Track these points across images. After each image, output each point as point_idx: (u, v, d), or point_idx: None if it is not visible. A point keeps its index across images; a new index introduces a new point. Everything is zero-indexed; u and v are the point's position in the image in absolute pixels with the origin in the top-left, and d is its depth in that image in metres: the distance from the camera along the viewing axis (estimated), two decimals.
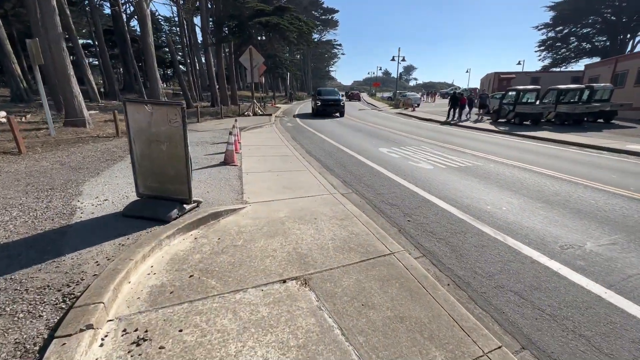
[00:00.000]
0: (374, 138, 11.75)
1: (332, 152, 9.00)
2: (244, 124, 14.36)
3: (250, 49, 19.38)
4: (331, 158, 8.31)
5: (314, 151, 9.21)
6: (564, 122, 15.75)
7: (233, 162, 7.04)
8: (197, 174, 5.97)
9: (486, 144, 10.63)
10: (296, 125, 16.14)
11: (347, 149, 9.49)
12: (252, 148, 9.17)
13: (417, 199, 5.19)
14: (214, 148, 8.73)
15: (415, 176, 6.50)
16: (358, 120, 19.03)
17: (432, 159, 8.12)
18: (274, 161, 7.56)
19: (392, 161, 7.85)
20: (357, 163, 7.75)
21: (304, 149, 9.42)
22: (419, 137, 11.92)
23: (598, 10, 37.72)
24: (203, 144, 9.31)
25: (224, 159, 7.05)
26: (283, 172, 6.60)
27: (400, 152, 9.04)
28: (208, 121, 16.06)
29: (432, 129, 14.98)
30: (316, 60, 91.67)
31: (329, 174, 6.70)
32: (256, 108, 20.56)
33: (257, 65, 19.83)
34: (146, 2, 12.93)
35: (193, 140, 9.74)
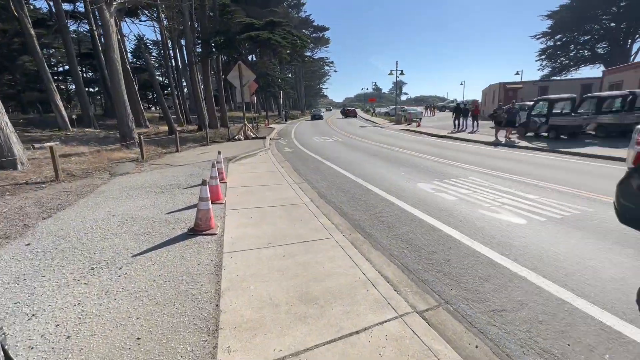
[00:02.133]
0: (399, 165, 9.21)
1: (356, 194, 6.38)
2: (233, 152, 11.79)
3: (239, 64, 17.10)
4: (359, 206, 5.68)
5: (330, 193, 6.59)
6: (609, 135, 13.50)
7: (209, 227, 4.36)
8: (137, 265, 3.30)
9: (545, 168, 8.16)
10: (296, 150, 13.60)
11: (373, 186, 6.89)
12: (241, 191, 6.53)
13: (587, 326, 2.55)
14: (186, 196, 6.06)
15: (522, 247, 3.88)
16: (365, 141, 16.61)
17: (507, 201, 5.54)
18: (276, 218, 4.90)
19: (452, 209, 5.25)
20: (402, 216, 5.12)
21: (315, 190, 6.80)
22: (453, 162, 9.42)
23: (596, 17, 36.88)
24: (172, 189, 6.64)
25: (195, 225, 4.38)
26: (292, 244, 3.94)
27: (450, 189, 6.47)
28: (191, 149, 13.46)
29: (456, 147, 12.57)
30: (308, 79, 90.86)
31: (368, 245, 4.05)
32: (248, 131, 18.09)
33: (248, 82, 17.51)
34: (109, 9, 10.56)
35: (160, 184, 7.07)
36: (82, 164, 9.29)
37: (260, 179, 7.77)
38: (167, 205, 5.47)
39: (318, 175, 8.27)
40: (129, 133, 11.70)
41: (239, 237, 4.20)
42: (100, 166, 9.18)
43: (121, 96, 11.44)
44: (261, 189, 6.74)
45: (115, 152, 11.16)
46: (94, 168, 8.95)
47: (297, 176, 8.28)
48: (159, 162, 10.09)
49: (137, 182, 7.27)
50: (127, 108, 11.70)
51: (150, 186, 6.83)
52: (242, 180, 7.65)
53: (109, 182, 7.29)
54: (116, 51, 11.18)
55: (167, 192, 6.38)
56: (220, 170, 7.40)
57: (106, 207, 5.40)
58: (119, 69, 11.33)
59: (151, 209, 5.26)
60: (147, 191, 6.41)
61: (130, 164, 9.69)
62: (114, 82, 11.33)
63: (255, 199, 6.02)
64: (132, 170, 8.73)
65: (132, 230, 4.34)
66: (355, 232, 4.47)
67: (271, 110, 58.81)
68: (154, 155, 11.41)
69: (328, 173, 8.53)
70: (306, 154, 12.27)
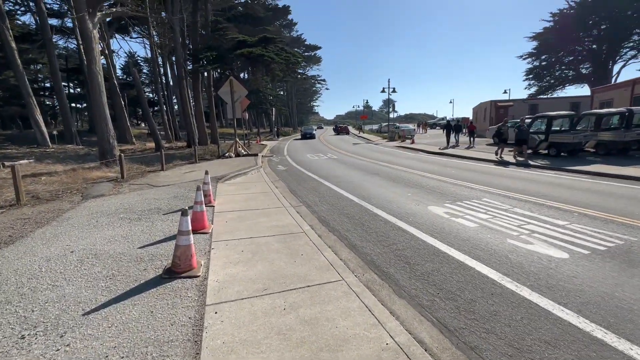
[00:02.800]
0: (403, 185, 8.55)
1: (363, 220, 5.64)
2: (223, 170, 10.98)
3: (230, 79, 16.57)
4: (368, 235, 4.92)
5: (333, 218, 5.82)
6: (609, 152, 13.26)
7: (189, 267, 3.52)
8: (87, 330, 2.44)
9: (560, 188, 7.61)
10: (290, 168, 12.87)
11: (380, 210, 6.16)
12: (231, 217, 5.71)
13: None
14: (166, 224, 5.21)
15: (579, 293, 3.16)
16: (362, 158, 16.03)
17: (536, 228, 4.87)
18: (272, 253, 4.09)
19: (477, 240, 4.54)
20: (421, 248, 4.38)
21: (315, 215, 6.03)
22: (459, 181, 8.82)
23: (579, 39, 38.27)
24: (151, 215, 5.77)
25: (172, 264, 3.53)
26: (294, 290, 3.13)
27: (466, 213, 5.79)
28: (177, 167, 12.59)
29: (458, 165, 12.06)
30: (300, 96, 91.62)
31: (389, 290, 3.27)
32: (239, 147, 17.35)
33: (239, 99, 16.95)
34: (91, 19, 9.91)
35: (137, 208, 6.19)
36: (53, 185, 8.34)
37: (252, 201, 6.97)
38: (142, 237, 4.60)
39: (316, 197, 7.51)
40: (110, 150, 10.82)
41: (227, 280, 3.37)
42: (73, 187, 8.24)
43: (102, 111, 10.63)
44: (254, 214, 5.93)
45: (93, 171, 10.22)
46: (65, 189, 8.01)
47: (294, 198, 7.50)
48: (140, 182, 9.19)
49: (111, 206, 6.38)
50: (109, 123, 10.87)
51: (126, 211, 5.95)
52: (232, 203, 6.84)
53: (78, 207, 6.37)
54: (98, 64, 10.46)
55: (145, 219, 5.51)
56: (207, 192, 6.59)
57: (66, 239, 4.50)
58: (100, 82, 10.57)
59: (122, 242, 4.38)
60: (121, 218, 5.52)
61: (108, 184, 8.77)
62: (94, 96, 10.54)
63: (247, 226, 5.21)
64: (108, 191, 7.82)
65: (92, 272, 3.47)
66: (369, 271, 3.69)
67: (263, 127, 58.46)
68: (136, 174, 10.50)
69: (327, 194, 7.78)
70: (301, 173, 11.54)
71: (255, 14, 33.38)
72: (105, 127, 10.76)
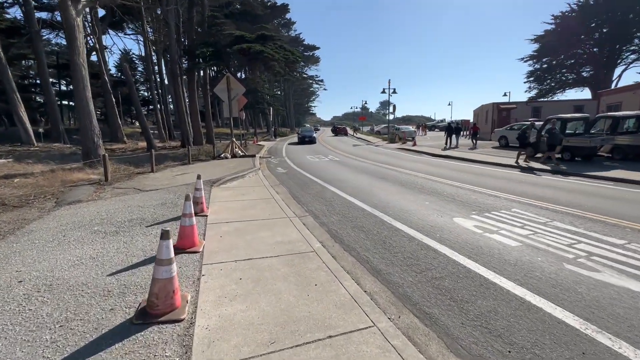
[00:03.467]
0: (417, 192, 7.75)
1: (382, 236, 4.81)
2: (218, 173, 10.10)
3: (227, 76, 15.70)
4: (393, 257, 4.09)
5: (346, 233, 4.99)
6: (625, 157, 12.61)
7: (171, 307, 2.66)
8: None
9: (592, 197, 6.87)
10: (290, 171, 12.02)
11: (399, 223, 5.34)
12: (227, 230, 4.85)
13: None
14: (148, 239, 4.33)
15: None
16: (365, 160, 15.22)
17: (592, 249, 4.08)
18: (278, 281, 3.24)
19: (528, 265, 3.74)
20: (463, 276, 3.56)
21: (325, 228, 5.19)
22: (478, 188, 8.05)
23: (580, 42, 37.94)
24: (132, 227, 4.89)
25: (147, 304, 2.67)
26: (312, 343, 2.28)
27: (501, 227, 5.00)
28: (169, 169, 11.67)
29: (471, 170, 11.29)
30: (297, 96, 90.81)
31: (440, 345, 2.43)
32: (236, 148, 16.46)
33: (236, 97, 16.07)
34: (75, 6, 8.99)
35: (117, 218, 5.29)
36: (25, 188, 7.40)
37: (251, 209, 6.11)
38: (116, 258, 3.73)
39: (323, 205, 6.67)
40: (94, 149, 9.89)
41: (220, 326, 2.52)
42: (49, 191, 7.31)
43: (86, 106, 9.70)
44: (253, 226, 5.07)
45: (74, 173, 9.28)
46: (38, 193, 7.08)
47: (297, 206, 6.66)
48: (125, 185, 8.28)
49: (86, 215, 5.48)
50: (93, 120, 9.94)
51: (103, 222, 5.06)
52: (228, 211, 5.97)
53: (48, 216, 5.46)
54: (82, 55, 9.53)
55: (123, 232, 4.62)
56: (200, 199, 5.72)
57: (19, 262, 3.61)
58: (84, 75, 9.64)
59: (89, 266, 3.51)
60: (95, 232, 4.64)
61: (89, 188, 7.85)
62: (78, 90, 9.61)
63: (246, 242, 4.35)
64: (87, 196, 6.91)
65: (38, 316, 2.59)
66: (406, 312, 2.86)
67: (260, 128, 57.53)
68: (122, 176, 9.58)
69: (335, 202, 6.94)
70: (303, 176, 10.69)
71: (254, 11, 32.50)
72: (90, 125, 9.82)
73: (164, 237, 2.66)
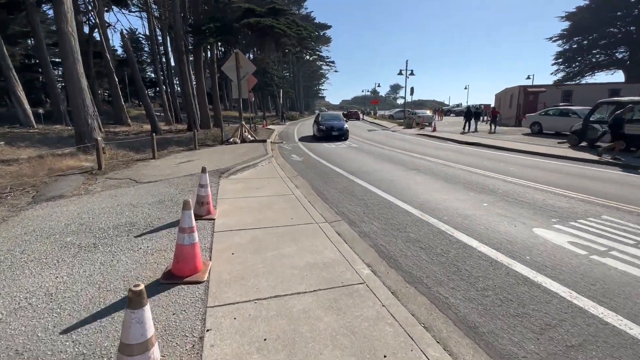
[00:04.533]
0: (465, 188, 6.44)
1: (451, 256, 3.57)
2: (227, 160, 8.90)
3: (236, 53, 14.25)
4: (480, 294, 2.86)
5: (397, 249, 3.75)
6: None
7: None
8: None
9: None
10: (307, 159, 10.74)
11: (465, 235, 4.08)
12: (239, 243, 3.65)
13: None
14: (136, 257, 3.17)
15: None
16: (385, 147, 13.82)
17: None
18: (324, 346, 2.05)
19: None
20: (607, 340, 2.31)
21: (369, 243, 3.94)
22: (539, 185, 6.69)
23: (616, 20, 34.87)
24: (117, 237, 3.73)
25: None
26: None
27: (607, 245, 3.71)
28: (173, 155, 10.52)
29: (514, 161, 9.85)
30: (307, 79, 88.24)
31: None
32: (245, 132, 15.19)
33: (246, 76, 14.67)
34: None
35: (99, 223, 4.14)
36: (2, 179, 6.32)
37: (268, 210, 4.90)
38: (84, 296, 2.57)
39: (356, 205, 5.42)
40: (88, 132, 8.74)
41: None
42: (29, 182, 6.22)
43: (77, 82, 8.48)
44: (273, 236, 3.88)
45: (65, 159, 8.19)
46: (17, 185, 5.99)
47: (324, 205, 5.43)
48: (121, 175, 7.15)
49: (63, 217, 4.35)
50: (86, 99, 8.73)
51: (80, 229, 3.92)
52: (240, 213, 4.78)
53: (15, 218, 4.35)
54: (70, 23, 8.23)
55: (104, 246, 3.47)
56: (205, 199, 4.54)
57: None
58: (73, 47, 8.37)
59: (38, 310, 2.36)
60: (67, 245, 3.50)
61: (78, 178, 6.74)
62: (67, 63, 8.37)
63: (267, 265, 3.17)
64: (72, 190, 5.79)
65: None
66: None
67: (268, 111, 55.93)
68: (120, 163, 8.46)
69: (370, 200, 5.68)
70: (323, 165, 9.42)
71: None
72: (82, 104, 8.64)
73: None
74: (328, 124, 16.78)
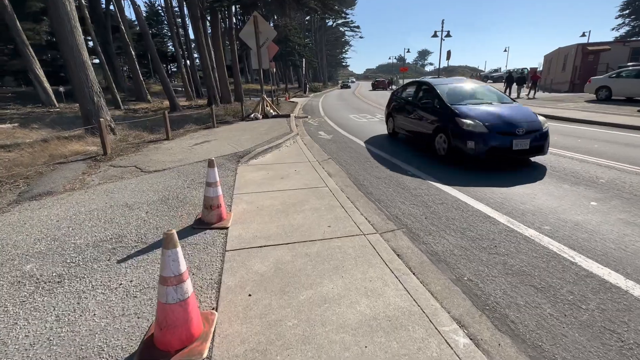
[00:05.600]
0: (554, 178, 4.90)
1: (591, 305, 2.24)
2: (247, 140, 7.75)
3: (254, 16, 12.67)
4: None
5: (498, 288, 2.47)
6: None
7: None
8: None
9: None
10: (337, 137, 9.37)
11: (594, 264, 2.71)
12: (262, 280, 2.50)
13: None
14: (106, 306, 2.12)
15: None
16: None
17: None
18: None
19: None
20: None
21: (449, 274, 2.68)
22: None
23: None
24: (98, 258, 2.71)
25: None
26: None
27: None
28: (189, 134, 9.52)
29: (593, 136, 7.96)
30: (329, 47, 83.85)
31: None
32: (267, 106, 13.91)
33: (266, 42, 13.13)
34: None
35: (78, 238, 3.14)
36: None
37: (297, 213, 3.73)
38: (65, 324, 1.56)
39: (412, 204, 4.11)
40: (95, 112, 7.83)
41: None
42: (23, 173, 5.41)
43: (77, 55, 7.46)
44: (307, 261, 2.72)
45: (71, 143, 7.39)
46: (10, 176, 5.19)
47: (369, 204, 4.16)
48: (126, 161, 6.22)
49: (36, 227, 3.42)
50: (90, 74, 7.75)
51: (49, 249, 2.95)
52: (261, 217, 3.64)
53: None
54: None
55: (73, 277, 2.47)
56: (215, 201, 3.41)
57: None
58: (69, 12, 7.25)
59: None
60: (22, 276, 2.52)
61: (78, 166, 5.87)
62: (63, 33, 7.31)
63: (301, 326, 2.02)
64: (66, 183, 4.89)
65: None
66: None
67: (290, 83, 53.83)
68: (129, 146, 7.56)
69: (428, 197, 4.33)
70: (356, 145, 8.06)
71: None
72: (85, 79, 7.66)
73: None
74: (491, 117, 5.52)
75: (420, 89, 7.49)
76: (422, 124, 6.78)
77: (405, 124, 7.70)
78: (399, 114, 8.11)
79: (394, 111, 8.48)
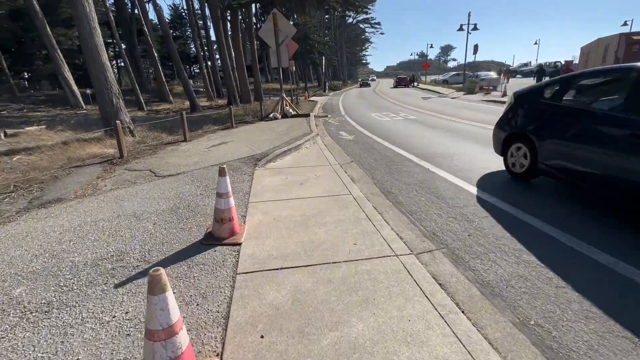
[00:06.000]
0: None
1: None
2: (265, 141, 7.41)
3: (273, 13, 12.35)
4: None
5: (574, 346, 1.92)
6: None
7: None
8: None
9: None
10: (359, 137, 8.86)
11: None
12: (275, 317, 2.07)
13: None
14: (106, 334, 1.76)
15: None
16: (454, 119, 11.29)
17: None
18: None
19: None
20: None
21: (510, 316, 2.15)
22: None
23: None
24: (93, 281, 2.39)
25: None
26: None
27: None
28: (207, 135, 9.33)
29: None
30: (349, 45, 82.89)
31: None
32: (286, 106, 13.58)
33: (285, 40, 12.79)
34: None
35: (72, 259, 2.85)
36: (14, 172, 5.50)
37: (318, 226, 3.29)
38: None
39: (451, 218, 3.57)
40: (114, 113, 7.76)
41: None
42: (39, 177, 5.30)
43: (97, 57, 7.38)
44: (331, 291, 2.28)
45: (90, 145, 7.33)
46: (25, 180, 5.10)
47: (400, 217, 3.66)
48: (142, 165, 6.02)
49: (37, 241, 3.18)
50: (109, 75, 7.67)
51: (45, 269, 2.67)
52: (277, 231, 3.23)
53: None
54: None
55: (62, 307, 2.15)
56: (227, 214, 3.03)
57: None
58: (88, 14, 7.17)
59: None
60: (8, 304, 2.24)
61: (94, 170, 5.72)
62: (83, 34, 7.26)
63: None
64: (78, 189, 4.71)
65: None
66: None
67: (310, 81, 53.52)
68: (146, 148, 7.41)
69: (468, 209, 3.78)
70: (380, 146, 7.52)
71: None
72: (105, 81, 7.59)
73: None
74: None
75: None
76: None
77: (575, 159, 3.60)
78: (550, 139, 3.96)
79: (532, 132, 4.24)
